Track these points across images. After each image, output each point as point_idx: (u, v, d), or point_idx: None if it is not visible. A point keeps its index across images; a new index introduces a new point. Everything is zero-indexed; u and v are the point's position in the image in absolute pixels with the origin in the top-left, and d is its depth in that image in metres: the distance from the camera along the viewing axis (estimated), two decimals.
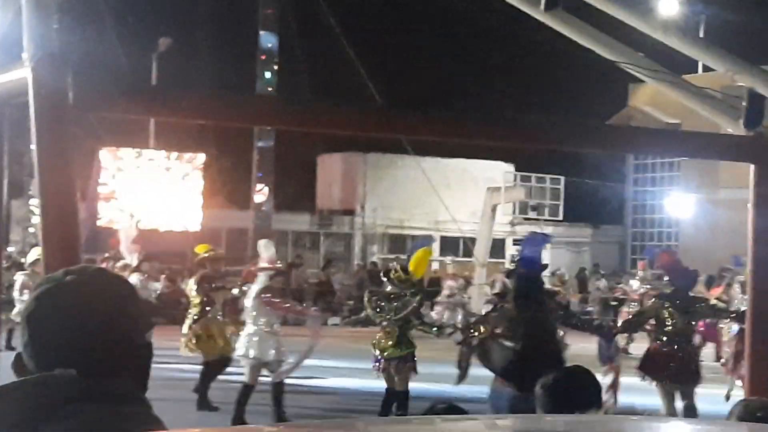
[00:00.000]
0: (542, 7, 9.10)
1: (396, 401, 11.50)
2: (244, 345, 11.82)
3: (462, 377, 10.61)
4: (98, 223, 29.12)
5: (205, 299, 12.70)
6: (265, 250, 12.28)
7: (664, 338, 10.93)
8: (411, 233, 38.74)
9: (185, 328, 12.88)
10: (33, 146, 6.64)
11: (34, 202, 31.55)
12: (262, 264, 12.19)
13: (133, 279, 13.36)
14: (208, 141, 33.33)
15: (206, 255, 13.27)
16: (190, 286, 13.14)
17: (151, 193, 32.69)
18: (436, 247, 39.56)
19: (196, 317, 12.64)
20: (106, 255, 16.68)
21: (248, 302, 11.99)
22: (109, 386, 2.40)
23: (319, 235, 40.59)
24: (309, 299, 30.16)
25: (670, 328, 10.79)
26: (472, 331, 10.47)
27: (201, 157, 33.89)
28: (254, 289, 11.96)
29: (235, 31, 36.27)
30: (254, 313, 11.82)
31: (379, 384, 11.99)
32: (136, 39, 30.68)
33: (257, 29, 35.42)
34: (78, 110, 6.60)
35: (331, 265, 36.09)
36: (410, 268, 12.10)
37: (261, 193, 36.17)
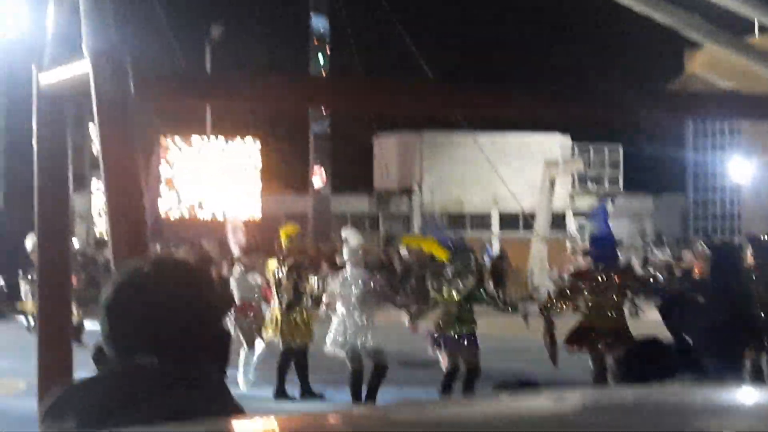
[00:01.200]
0: None
1: (462, 380, 11.43)
2: (341, 333, 11.69)
3: (554, 355, 10.48)
4: (160, 211, 29.44)
5: (295, 285, 12.44)
6: (353, 238, 12.14)
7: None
8: (469, 211, 38.68)
9: (272, 313, 12.63)
10: (93, 139, 6.69)
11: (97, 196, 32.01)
12: (350, 252, 12.04)
13: (236, 270, 13.35)
14: (264, 127, 33.50)
15: (293, 239, 12.98)
16: (272, 269, 12.80)
17: (211, 180, 32.98)
18: (495, 222, 39.47)
19: (285, 303, 12.37)
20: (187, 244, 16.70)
21: (346, 290, 11.75)
22: (190, 373, 2.42)
23: (378, 216, 40.67)
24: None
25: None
26: (553, 305, 10.48)
27: (258, 143, 34.10)
28: (355, 276, 11.78)
29: (287, 15, 36.36)
30: (353, 301, 11.66)
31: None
32: (190, 27, 30.91)
33: (309, 13, 35.54)
34: (139, 100, 6.65)
35: (391, 244, 36.16)
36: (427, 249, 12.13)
37: (318, 177, 36.32)
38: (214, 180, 33.08)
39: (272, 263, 12.72)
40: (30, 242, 23.73)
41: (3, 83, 30.37)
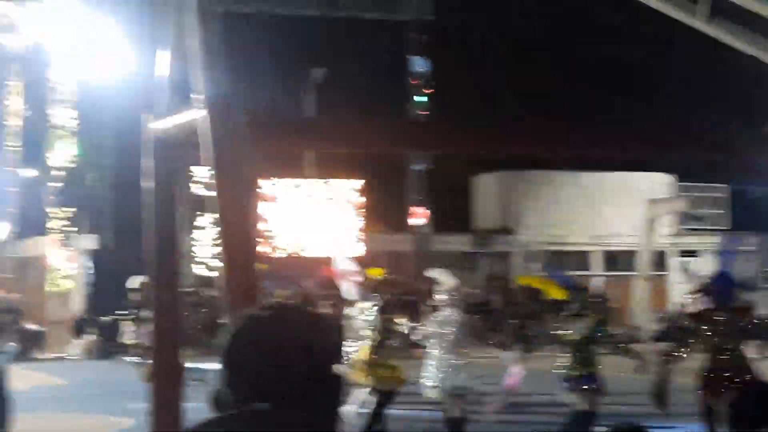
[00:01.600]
0: (704, 16, 8.95)
1: (582, 421, 11.22)
2: (436, 375, 11.55)
3: (664, 398, 10.26)
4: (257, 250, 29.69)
5: (383, 326, 12.30)
6: (446, 278, 12.04)
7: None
8: (571, 249, 38.37)
9: (360, 355, 12.47)
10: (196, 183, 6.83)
11: (198, 237, 32.53)
12: (442, 291, 11.94)
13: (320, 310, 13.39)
14: (364, 166, 33.73)
15: (383, 279, 12.90)
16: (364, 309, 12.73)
17: (312, 220, 33.27)
18: (599, 262, 39.08)
19: (374, 345, 12.21)
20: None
21: (441, 330, 11.63)
22: (304, 420, 2.48)
23: (478, 255, 40.52)
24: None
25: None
26: (677, 350, 10.26)
27: (359, 182, 34.34)
28: (448, 316, 11.69)
29: (387, 56, 36.65)
30: (448, 341, 11.53)
31: None
32: (293, 71, 31.40)
33: (407, 54, 35.84)
34: (250, 144, 6.83)
35: (491, 283, 36.00)
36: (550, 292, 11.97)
37: (419, 216, 36.41)
38: (315, 219, 33.38)
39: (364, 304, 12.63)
40: (134, 283, 24.22)
41: (114, 128, 31.18)
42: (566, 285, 11.73)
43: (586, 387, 11.06)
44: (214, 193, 6.53)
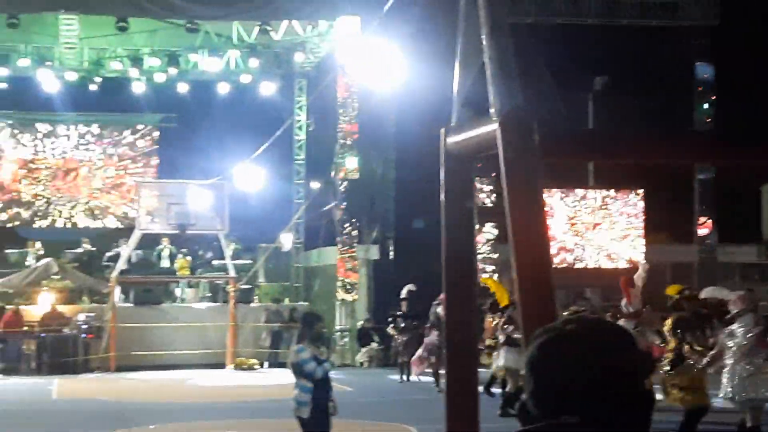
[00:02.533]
0: None
1: None
2: (732, 386, 11.31)
3: None
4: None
5: (680, 344, 12.00)
6: (729, 293, 11.77)
7: None
8: None
9: (660, 375, 12.20)
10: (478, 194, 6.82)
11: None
12: (737, 303, 11.63)
13: (629, 326, 13.22)
14: (646, 176, 33.02)
15: (682, 296, 12.63)
16: (666, 329, 12.47)
17: (592, 230, 32.86)
18: None
19: (672, 364, 11.94)
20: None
21: (734, 342, 11.38)
22: None
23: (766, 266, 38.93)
24: None
25: None
26: None
27: (640, 193, 33.64)
28: (743, 327, 11.40)
29: (670, 63, 35.76)
30: (742, 353, 11.27)
31: None
32: (574, 80, 31.16)
33: (692, 61, 34.84)
34: (543, 157, 6.78)
35: None
36: None
37: (704, 226, 35.31)
38: (595, 230, 32.97)
39: (668, 321, 12.33)
40: (403, 292, 24.72)
41: (394, 141, 31.90)
42: None
43: None
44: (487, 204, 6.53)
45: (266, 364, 29.00)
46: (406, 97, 29.08)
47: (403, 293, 24.85)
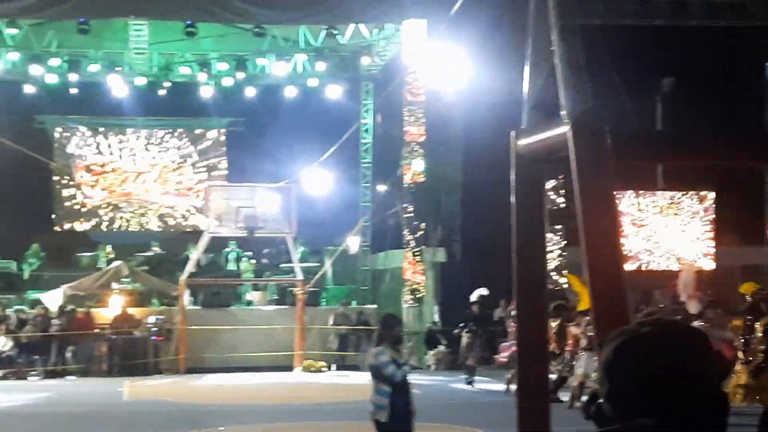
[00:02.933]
0: None
1: None
2: None
3: None
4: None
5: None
6: None
7: None
8: None
9: (743, 377, 11.98)
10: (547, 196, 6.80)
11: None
12: None
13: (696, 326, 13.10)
14: (716, 177, 32.65)
15: (760, 296, 12.41)
16: (738, 326, 12.27)
17: (661, 233, 32.57)
18: None
19: (761, 365, 11.71)
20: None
21: None
22: None
23: None
24: None
25: None
26: None
27: (710, 195, 33.29)
28: None
29: (739, 64, 35.32)
30: None
31: None
32: (641, 82, 30.88)
33: (762, 61, 34.36)
34: (615, 160, 6.75)
35: None
36: None
37: None
38: (663, 232, 32.67)
39: (738, 321, 12.18)
40: (473, 296, 24.62)
41: (461, 144, 31.88)
42: None
43: None
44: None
45: (334, 366, 29.13)
46: (474, 100, 29.03)
47: (474, 297, 24.73)
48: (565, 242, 31.48)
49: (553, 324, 18.78)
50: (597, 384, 2.63)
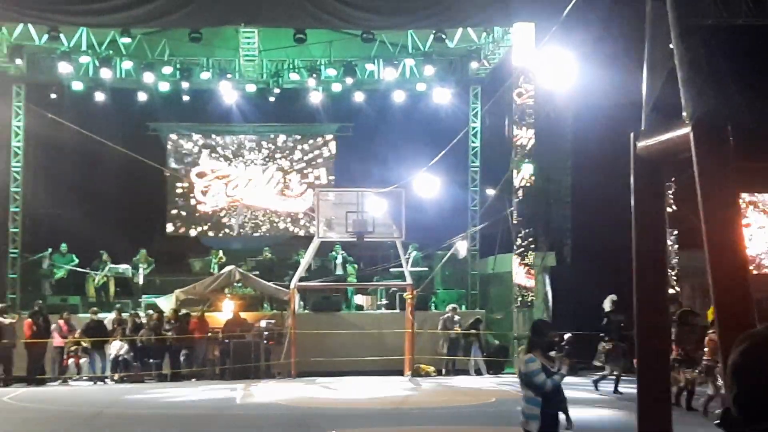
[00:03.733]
0: None
1: None
2: None
3: None
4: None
5: None
6: None
7: None
8: None
9: None
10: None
11: None
12: None
13: None
14: None
15: None
16: None
17: None
18: None
19: None
20: None
21: None
22: None
23: None
24: None
25: None
26: None
27: None
28: None
29: None
30: None
31: None
32: (760, 80, 30.21)
33: None
34: (737, 161, 6.59)
35: None
36: None
37: None
38: None
39: None
40: (606, 303, 24.15)
41: (570, 147, 31.56)
42: None
43: None
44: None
45: (443, 371, 29.11)
46: (584, 103, 28.76)
47: (608, 305, 24.17)
48: (677, 246, 30.98)
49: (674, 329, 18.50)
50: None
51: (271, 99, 35.29)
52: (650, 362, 6.94)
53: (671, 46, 7.32)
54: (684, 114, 6.71)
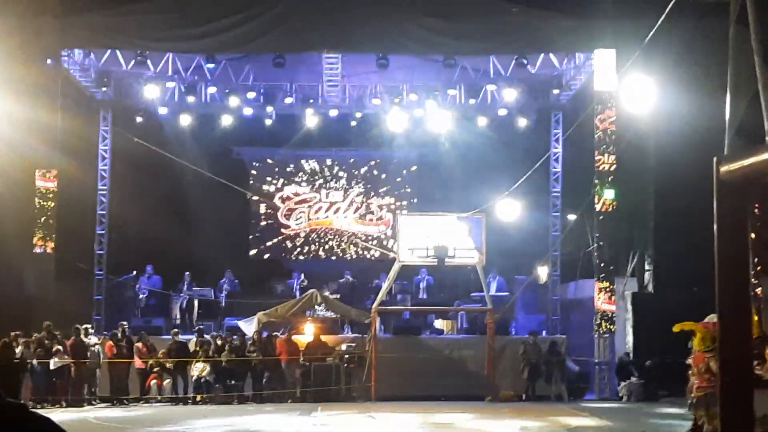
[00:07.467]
0: None
1: None
2: None
3: None
4: None
5: None
6: None
7: None
8: None
9: None
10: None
11: None
12: None
13: None
14: None
15: None
16: None
17: None
18: None
19: None
20: None
21: None
22: None
23: None
24: None
25: None
26: None
27: None
28: None
29: None
30: None
31: None
32: None
33: None
34: None
35: None
36: None
37: None
38: None
39: None
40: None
41: (653, 171, 31.26)
42: None
43: None
44: None
45: (524, 396, 28.97)
46: (666, 128, 28.56)
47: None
48: (758, 273, 30.46)
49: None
50: None
51: (353, 123, 35.56)
52: (734, 397, 6.88)
53: (755, 69, 7.33)
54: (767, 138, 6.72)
